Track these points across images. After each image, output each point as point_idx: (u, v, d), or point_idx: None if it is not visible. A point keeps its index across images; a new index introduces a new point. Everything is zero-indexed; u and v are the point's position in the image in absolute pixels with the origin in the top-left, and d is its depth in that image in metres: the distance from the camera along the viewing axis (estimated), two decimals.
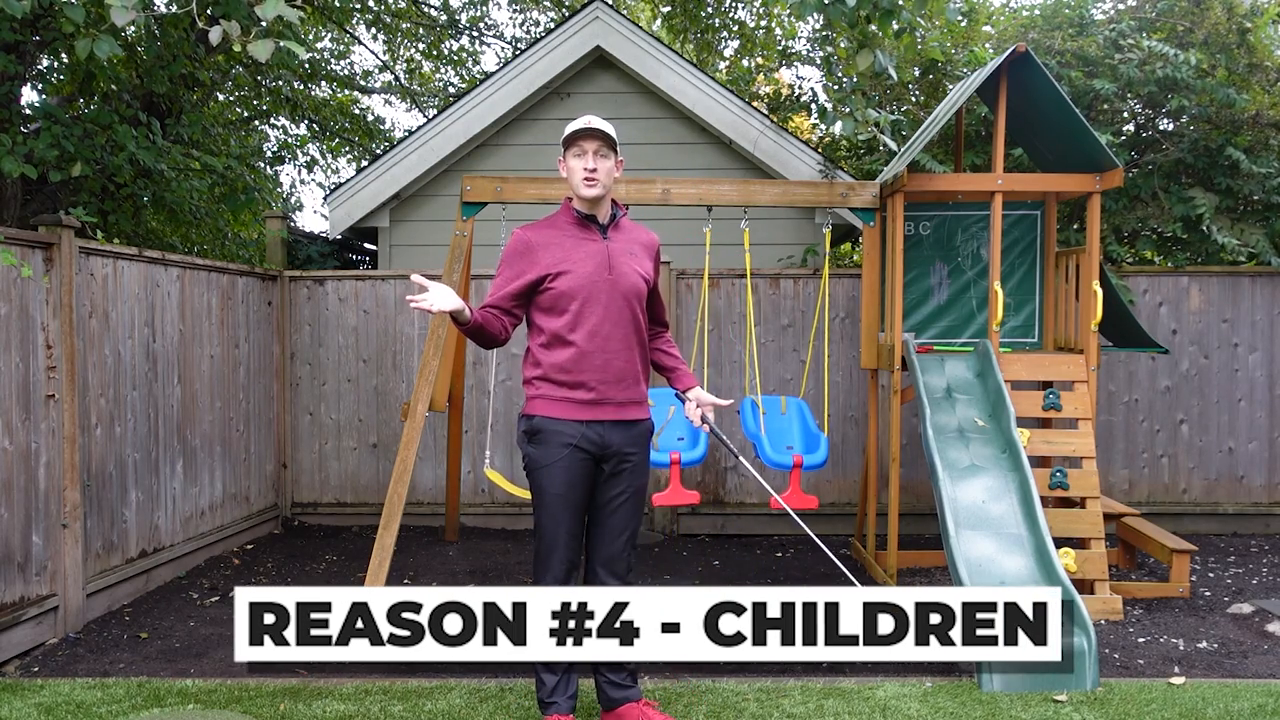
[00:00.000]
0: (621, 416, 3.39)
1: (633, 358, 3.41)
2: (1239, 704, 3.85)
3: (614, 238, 3.42)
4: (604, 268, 3.35)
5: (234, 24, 3.33)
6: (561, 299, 3.32)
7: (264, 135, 12.12)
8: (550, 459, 3.33)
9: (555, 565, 3.38)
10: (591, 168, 3.33)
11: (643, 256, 3.48)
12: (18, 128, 6.40)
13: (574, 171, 3.36)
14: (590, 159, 3.34)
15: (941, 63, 7.69)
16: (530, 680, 4.12)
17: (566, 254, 3.34)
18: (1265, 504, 7.04)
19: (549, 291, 3.33)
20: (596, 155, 3.35)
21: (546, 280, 3.33)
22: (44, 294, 4.77)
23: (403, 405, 5.99)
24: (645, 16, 14.39)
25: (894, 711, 3.81)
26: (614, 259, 3.37)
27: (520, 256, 3.37)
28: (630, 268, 3.40)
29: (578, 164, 3.35)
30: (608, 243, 3.40)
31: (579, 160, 3.35)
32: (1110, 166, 5.36)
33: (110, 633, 4.95)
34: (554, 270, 3.32)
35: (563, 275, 3.32)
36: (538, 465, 3.37)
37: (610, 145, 3.37)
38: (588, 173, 3.33)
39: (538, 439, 3.36)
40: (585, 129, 3.34)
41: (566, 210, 3.46)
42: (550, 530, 3.37)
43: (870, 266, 5.83)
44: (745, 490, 7.16)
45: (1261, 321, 7.01)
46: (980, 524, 4.76)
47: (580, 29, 7.82)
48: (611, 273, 3.35)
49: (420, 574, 6.04)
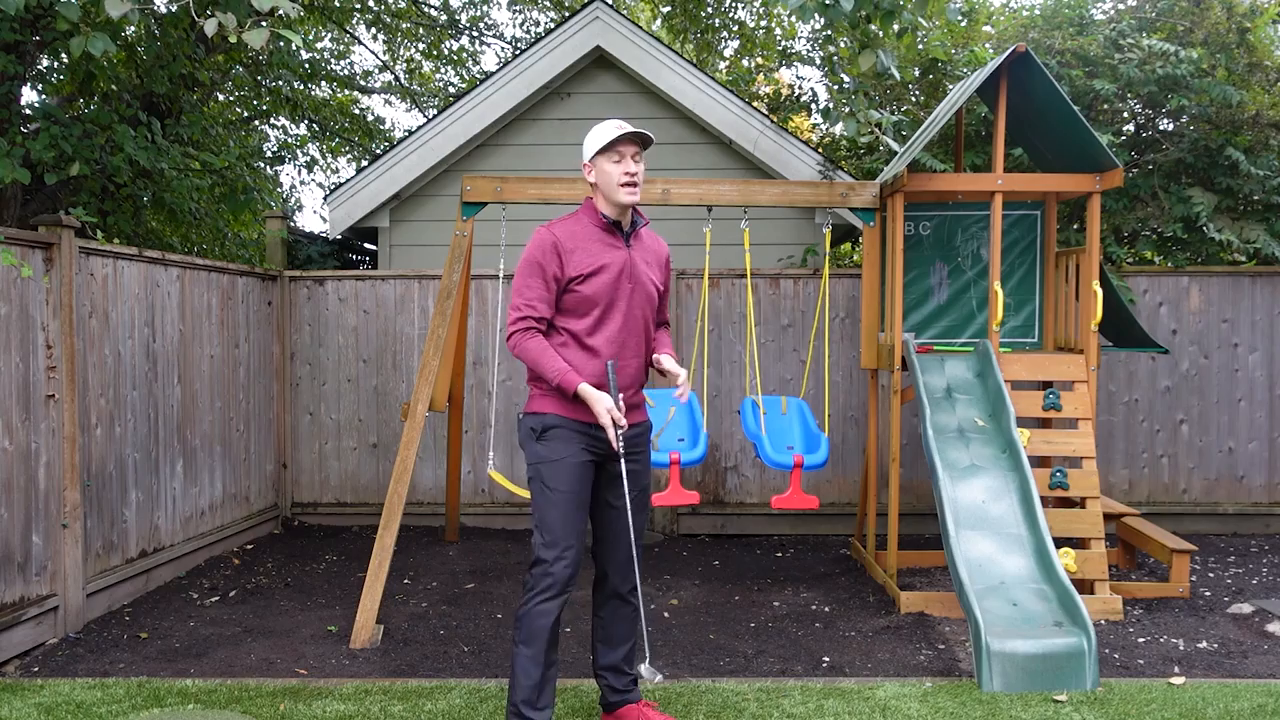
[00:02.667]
0: (629, 419, 3.43)
1: (642, 364, 3.47)
2: (1239, 704, 3.85)
3: (635, 246, 3.43)
4: (627, 276, 3.35)
5: (230, 16, 3.34)
6: (585, 303, 3.31)
7: (264, 135, 12.12)
8: (561, 455, 3.32)
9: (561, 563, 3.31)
10: (633, 172, 3.30)
11: (657, 268, 3.52)
12: (17, 128, 6.40)
13: (610, 176, 3.31)
14: (630, 163, 3.30)
15: (942, 63, 7.69)
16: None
17: (595, 258, 3.32)
18: (1265, 504, 7.04)
19: (574, 294, 3.31)
20: (634, 159, 3.31)
21: (574, 283, 3.31)
22: (44, 294, 4.77)
23: (403, 405, 5.99)
24: (645, 16, 14.39)
25: (894, 711, 3.81)
26: (635, 268, 3.38)
27: (549, 257, 3.31)
28: (648, 277, 3.43)
29: (616, 169, 3.30)
30: (630, 251, 3.40)
31: (618, 165, 3.30)
32: (1110, 166, 5.36)
33: (110, 633, 4.95)
34: (582, 273, 3.30)
35: (590, 279, 3.30)
36: (547, 462, 3.33)
37: (645, 148, 3.36)
38: (629, 177, 3.29)
39: (548, 436, 3.33)
40: (630, 133, 3.28)
41: (593, 213, 3.40)
42: (561, 527, 3.31)
43: (870, 266, 5.83)
44: (745, 490, 7.16)
45: (1261, 321, 7.01)
46: (980, 524, 4.76)
47: (580, 29, 7.81)
48: (632, 281, 3.37)
49: (420, 574, 6.04)
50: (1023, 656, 4.03)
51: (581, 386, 3.23)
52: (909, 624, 4.96)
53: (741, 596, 5.56)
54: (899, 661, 4.44)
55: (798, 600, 5.47)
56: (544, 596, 3.32)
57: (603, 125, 3.35)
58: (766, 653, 4.59)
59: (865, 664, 4.42)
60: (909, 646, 4.64)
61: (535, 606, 3.32)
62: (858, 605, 5.35)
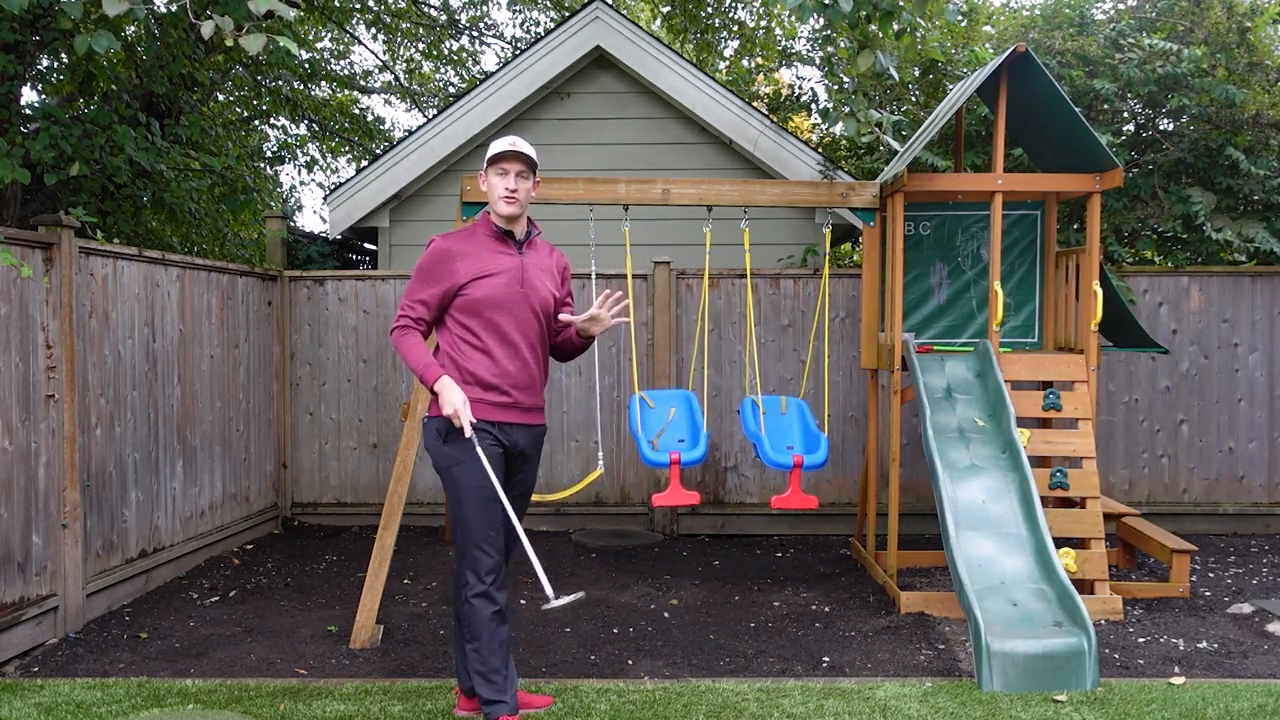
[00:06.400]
0: (527, 420, 3.61)
1: (538, 366, 3.64)
2: (1239, 704, 3.85)
3: (528, 254, 3.63)
4: (517, 280, 3.55)
5: (227, 19, 3.35)
6: (476, 305, 3.50)
7: (264, 135, 12.11)
8: (469, 454, 3.44)
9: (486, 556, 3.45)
10: (512, 187, 3.53)
11: (552, 274, 3.68)
12: (17, 128, 6.40)
13: (494, 188, 3.56)
14: (512, 179, 3.53)
15: (942, 63, 7.69)
16: (527, 681, 4.12)
17: (484, 264, 3.53)
18: (1265, 504, 7.04)
19: (466, 297, 3.51)
20: (518, 176, 3.54)
21: (464, 287, 3.50)
22: (44, 294, 4.77)
23: (403, 405, 5.99)
24: (645, 16, 14.39)
25: (894, 711, 3.81)
26: (527, 274, 3.58)
27: (440, 264, 3.53)
28: (542, 283, 3.61)
29: (499, 182, 3.54)
30: (522, 258, 3.59)
31: (501, 179, 3.54)
32: (1110, 166, 5.36)
33: (110, 633, 4.95)
34: (473, 277, 3.50)
35: (480, 283, 3.50)
36: (455, 462, 3.48)
37: (531, 168, 3.57)
38: (508, 191, 3.53)
39: (454, 437, 3.46)
40: (510, 151, 3.52)
41: (486, 223, 3.63)
42: (479, 523, 3.46)
43: (870, 266, 5.83)
44: (745, 490, 7.16)
45: (1261, 321, 7.01)
46: (980, 524, 4.76)
47: (580, 29, 7.82)
48: (524, 286, 3.56)
49: (420, 574, 6.04)
50: (1023, 656, 4.03)
51: (440, 380, 3.41)
52: (909, 624, 4.96)
53: (741, 596, 5.56)
54: (899, 661, 4.44)
55: (798, 600, 5.47)
56: (475, 590, 3.44)
57: (497, 140, 3.59)
58: (766, 653, 4.59)
59: (865, 664, 4.42)
60: (909, 646, 4.64)
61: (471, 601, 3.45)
62: (858, 605, 5.35)
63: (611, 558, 6.42)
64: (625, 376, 7.14)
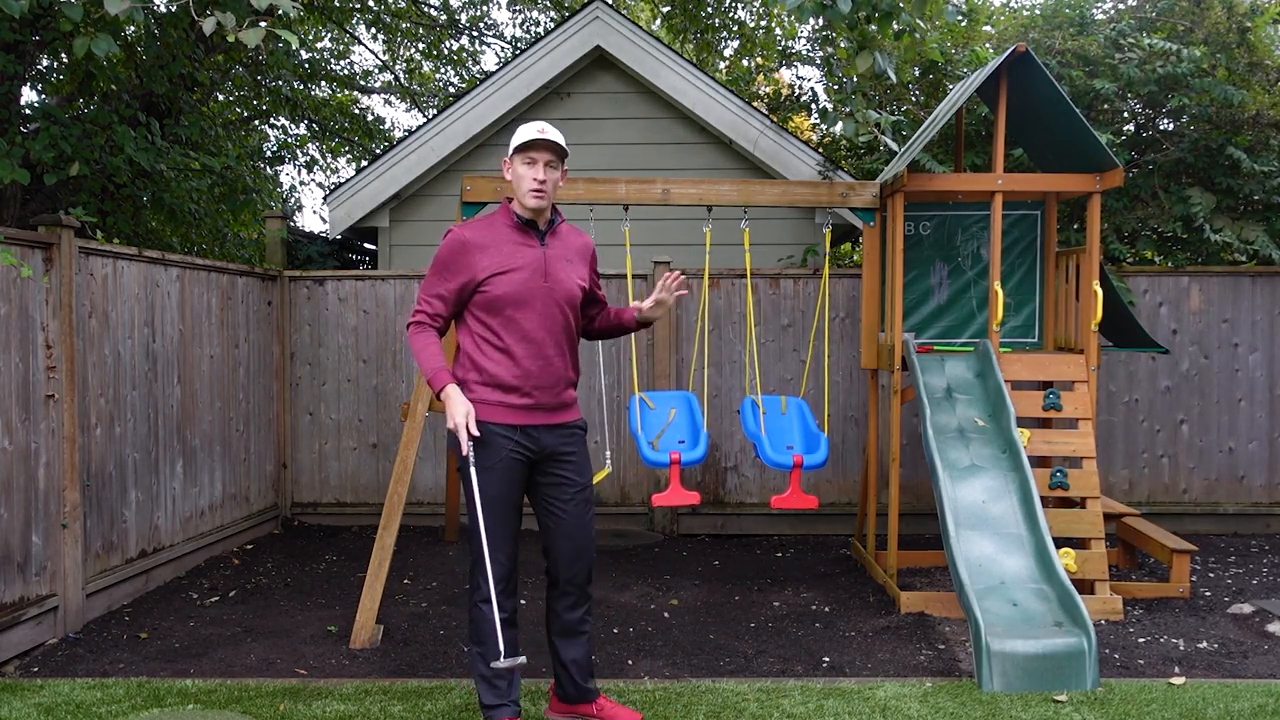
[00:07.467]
0: (552, 420, 3.44)
1: (565, 363, 3.46)
2: (1239, 704, 3.85)
3: (551, 244, 3.44)
4: (540, 274, 3.37)
5: (228, 15, 3.35)
6: (497, 303, 3.33)
7: (264, 135, 12.12)
8: (489, 462, 3.33)
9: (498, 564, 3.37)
10: (541, 179, 3.34)
11: (579, 263, 3.51)
12: (17, 128, 6.40)
13: (522, 179, 3.35)
14: (541, 169, 3.34)
15: (942, 63, 7.69)
16: (528, 681, 4.12)
17: (505, 258, 3.35)
18: (1265, 504, 7.04)
19: (485, 295, 3.34)
20: (547, 167, 3.35)
21: (483, 283, 3.34)
22: (44, 294, 4.77)
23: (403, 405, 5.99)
24: (645, 16, 14.39)
25: (894, 711, 3.81)
26: (550, 266, 3.39)
27: (458, 256, 3.36)
28: (567, 274, 3.43)
29: (527, 172, 3.34)
30: (545, 249, 3.41)
31: (529, 169, 3.34)
32: (1110, 166, 5.36)
33: (110, 633, 4.95)
34: (492, 273, 3.33)
35: (499, 279, 3.33)
36: (476, 469, 3.35)
37: (561, 157, 3.39)
38: (536, 183, 3.34)
39: (476, 442, 3.33)
40: (540, 139, 3.32)
41: (506, 213, 3.44)
42: (491, 532, 3.34)
43: (870, 266, 5.83)
44: (745, 490, 7.16)
45: (1261, 321, 7.01)
46: (980, 524, 4.76)
47: (580, 29, 7.82)
48: (548, 280, 3.38)
49: (420, 574, 6.04)
50: (1023, 656, 4.03)
51: (447, 388, 3.28)
52: (909, 624, 4.96)
53: (741, 596, 5.56)
54: (899, 661, 4.44)
55: (798, 600, 5.47)
56: (483, 596, 3.38)
57: (526, 125, 3.38)
58: (766, 653, 4.59)
59: (865, 664, 4.42)
60: (909, 646, 4.64)
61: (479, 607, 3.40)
62: (858, 605, 5.35)
63: (611, 557, 6.42)
64: (625, 376, 7.14)
